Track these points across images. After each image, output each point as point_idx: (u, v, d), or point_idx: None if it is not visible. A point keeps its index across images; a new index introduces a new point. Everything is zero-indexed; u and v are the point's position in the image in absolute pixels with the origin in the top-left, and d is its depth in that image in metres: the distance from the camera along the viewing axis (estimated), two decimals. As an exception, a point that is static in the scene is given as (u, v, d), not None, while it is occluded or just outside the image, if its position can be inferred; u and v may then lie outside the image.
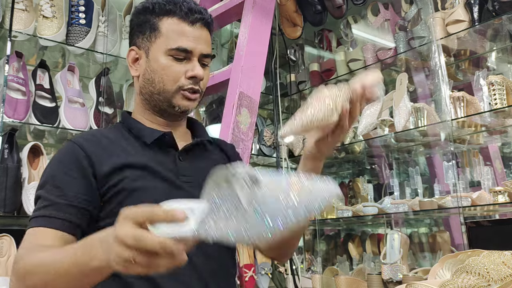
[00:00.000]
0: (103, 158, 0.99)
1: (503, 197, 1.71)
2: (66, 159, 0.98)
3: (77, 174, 0.96)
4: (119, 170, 0.99)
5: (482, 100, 1.89)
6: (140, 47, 1.09)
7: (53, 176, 0.96)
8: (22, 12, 1.89)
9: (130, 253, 0.60)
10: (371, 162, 2.64)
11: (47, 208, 0.92)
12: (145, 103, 1.11)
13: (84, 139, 1.02)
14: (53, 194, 0.93)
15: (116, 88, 2.28)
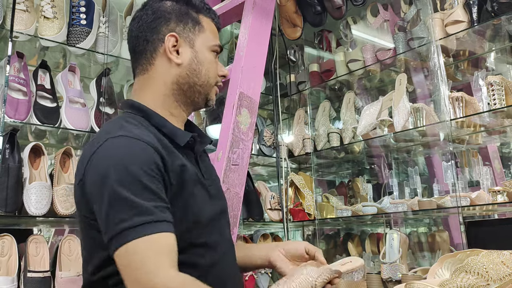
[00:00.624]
0: (169, 159, 0.95)
1: (502, 197, 1.72)
2: (144, 159, 0.90)
3: (160, 178, 0.91)
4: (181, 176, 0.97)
5: (481, 100, 1.89)
6: (181, 36, 1.07)
7: (141, 181, 0.87)
8: (23, 12, 1.89)
9: None
10: (370, 162, 2.65)
11: (152, 212, 0.85)
12: (177, 93, 1.07)
13: (149, 138, 0.95)
14: (148, 198, 0.86)
15: (117, 88, 2.29)
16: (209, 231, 1.01)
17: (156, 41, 1.06)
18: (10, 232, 1.78)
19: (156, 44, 1.06)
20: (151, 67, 1.06)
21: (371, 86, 2.57)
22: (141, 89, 1.07)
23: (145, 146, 0.92)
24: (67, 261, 1.85)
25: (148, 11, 1.10)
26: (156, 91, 1.06)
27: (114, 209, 0.84)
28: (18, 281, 1.73)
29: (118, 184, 0.85)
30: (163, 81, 1.06)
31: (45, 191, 1.81)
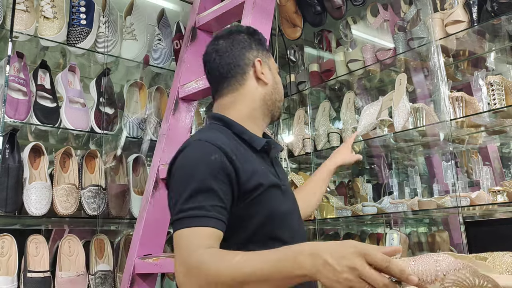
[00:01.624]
0: (240, 162, 1.08)
1: (502, 197, 1.72)
2: (211, 161, 1.05)
3: (225, 179, 1.04)
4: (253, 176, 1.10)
5: (481, 100, 1.89)
6: (262, 60, 1.28)
7: (204, 179, 1.02)
8: (23, 12, 1.90)
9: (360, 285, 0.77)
10: (370, 162, 2.65)
11: (207, 208, 1.00)
12: (263, 109, 1.26)
13: (222, 143, 1.09)
14: (207, 197, 1.01)
15: (117, 88, 2.29)
16: (283, 226, 1.15)
17: (245, 66, 1.26)
18: (10, 232, 1.78)
19: (245, 68, 1.26)
20: (241, 87, 1.25)
21: (371, 86, 2.57)
22: (230, 105, 1.25)
23: (215, 149, 1.07)
24: (67, 261, 1.86)
25: (233, 42, 1.28)
26: (246, 106, 1.24)
27: (178, 200, 1.02)
28: (18, 281, 1.73)
29: (186, 180, 1.04)
30: (253, 98, 1.25)
31: (45, 191, 1.81)
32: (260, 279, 0.86)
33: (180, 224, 0.99)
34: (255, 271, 0.87)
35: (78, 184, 1.93)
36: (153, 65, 2.27)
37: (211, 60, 1.28)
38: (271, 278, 0.86)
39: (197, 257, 0.93)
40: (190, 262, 0.93)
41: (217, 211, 1.00)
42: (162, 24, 2.35)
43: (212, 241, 0.98)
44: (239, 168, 1.07)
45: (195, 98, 2.00)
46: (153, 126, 2.19)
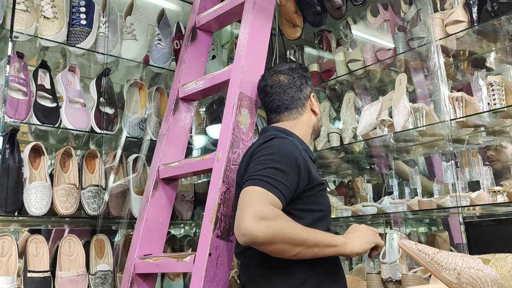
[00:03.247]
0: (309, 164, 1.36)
1: (502, 197, 1.72)
2: (291, 153, 1.32)
3: (297, 170, 1.29)
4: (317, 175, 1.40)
5: (481, 100, 1.89)
6: (314, 96, 1.59)
7: (283, 162, 1.27)
8: (23, 12, 1.90)
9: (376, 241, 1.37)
10: (370, 162, 2.64)
11: (279, 182, 1.23)
12: (311, 132, 1.58)
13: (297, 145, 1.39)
14: (280, 175, 1.24)
15: (117, 88, 2.29)
16: (329, 220, 1.43)
17: (304, 100, 1.56)
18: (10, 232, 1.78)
19: (304, 101, 1.56)
20: (300, 116, 1.55)
21: (371, 86, 2.57)
22: (291, 128, 1.52)
23: (294, 147, 1.36)
24: (67, 261, 1.86)
25: (294, 78, 1.57)
26: (302, 130, 1.54)
27: (256, 167, 1.27)
28: (18, 281, 1.73)
29: (269, 157, 1.29)
30: (308, 124, 1.56)
31: (45, 191, 1.81)
32: (314, 245, 1.21)
33: (255, 182, 1.21)
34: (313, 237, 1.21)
35: (78, 184, 1.93)
36: (153, 65, 2.27)
37: (275, 92, 1.55)
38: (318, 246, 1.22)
39: (272, 209, 1.16)
40: (265, 211, 1.15)
41: (283, 188, 1.22)
42: (162, 24, 2.35)
43: (275, 206, 1.20)
44: (309, 166, 1.34)
45: (195, 98, 2.00)
46: (153, 126, 2.19)
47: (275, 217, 1.15)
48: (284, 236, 1.16)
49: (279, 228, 1.15)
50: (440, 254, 0.99)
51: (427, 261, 0.99)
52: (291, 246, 1.17)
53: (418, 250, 1.00)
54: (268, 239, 1.14)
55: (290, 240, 1.16)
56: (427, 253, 0.99)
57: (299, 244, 1.18)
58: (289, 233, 1.16)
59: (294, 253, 1.19)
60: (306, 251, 1.20)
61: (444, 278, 0.97)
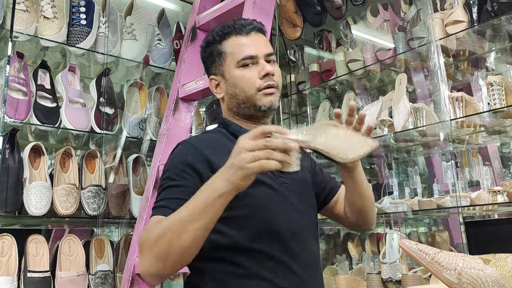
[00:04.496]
0: (216, 159, 1.11)
1: (502, 197, 1.72)
2: (181, 163, 1.12)
3: (193, 174, 1.10)
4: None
5: (481, 100, 1.89)
6: (216, 74, 1.26)
7: (174, 177, 1.10)
8: (23, 12, 1.89)
9: (259, 153, 0.88)
10: (370, 162, 2.64)
11: (172, 200, 1.06)
12: (235, 115, 1.25)
13: (198, 142, 1.19)
14: (174, 191, 1.08)
15: (117, 88, 2.29)
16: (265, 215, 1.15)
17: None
18: (10, 232, 1.78)
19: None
20: (216, 96, 1.31)
21: (371, 86, 2.57)
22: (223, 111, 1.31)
23: (188, 149, 1.15)
24: (67, 261, 1.86)
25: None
26: (225, 111, 1.29)
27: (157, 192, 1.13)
28: (18, 281, 1.73)
29: (164, 177, 1.14)
30: (225, 111, 1.29)
31: (45, 191, 1.81)
32: (190, 219, 0.93)
33: (151, 214, 1.08)
34: (185, 214, 0.95)
35: (78, 184, 1.93)
36: (153, 65, 2.27)
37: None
38: (198, 213, 0.93)
39: (142, 233, 1.02)
40: (141, 240, 1.00)
41: (178, 203, 1.00)
42: (162, 24, 2.35)
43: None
44: (215, 163, 1.10)
45: (195, 98, 2.00)
46: (153, 126, 2.19)
47: (144, 238, 0.99)
48: (158, 244, 0.95)
49: (151, 244, 0.96)
50: (440, 254, 0.98)
51: (427, 261, 0.99)
52: (172, 245, 0.94)
53: (418, 250, 1.00)
54: (157, 263, 0.96)
55: (164, 242, 0.95)
56: (427, 253, 0.99)
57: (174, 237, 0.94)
58: (160, 237, 0.95)
59: (181, 246, 0.94)
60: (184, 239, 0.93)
61: (445, 278, 0.97)
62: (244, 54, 1.20)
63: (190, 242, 0.94)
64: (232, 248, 1.10)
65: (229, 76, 1.22)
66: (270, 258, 1.10)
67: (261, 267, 1.09)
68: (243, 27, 1.24)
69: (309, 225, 1.24)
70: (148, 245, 0.97)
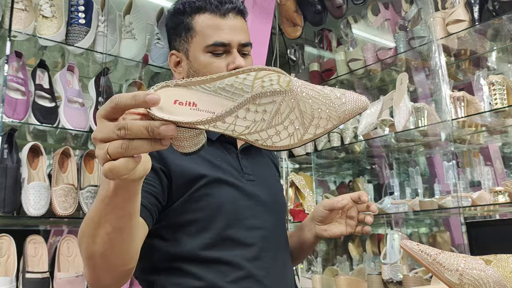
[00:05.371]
0: (172, 157, 0.95)
1: (503, 197, 1.71)
2: None
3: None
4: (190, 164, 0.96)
5: (483, 100, 1.88)
6: (179, 50, 1.08)
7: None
8: (22, 11, 1.88)
9: (107, 148, 0.56)
10: (371, 162, 2.64)
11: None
12: None
13: None
14: None
15: (116, 88, 2.28)
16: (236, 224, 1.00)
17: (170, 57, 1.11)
18: (8, 232, 1.77)
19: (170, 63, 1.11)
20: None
21: (372, 86, 2.56)
22: None
23: None
24: (65, 262, 1.85)
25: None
26: None
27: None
28: (16, 281, 1.72)
29: None
30: None
31: (43, 191, 1.80)
32: (96, 219, 0.72)
33: None
34: (90, 217, 0.73)
35: (77, 184, 1.92)
36: (152, 65, 2.26)
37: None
38: (101, 212, 0.70)
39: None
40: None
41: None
42: (161, 23, 2.33)
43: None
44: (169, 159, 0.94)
45: (195, 97, 1.99)
46: (153, 126, 2.18)
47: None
48: (81, 249, 0.79)
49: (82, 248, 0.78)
50: (442, 254, 0.98)
51: (429, 261, 0.98)
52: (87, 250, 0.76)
53: (420, 251, 0.99)
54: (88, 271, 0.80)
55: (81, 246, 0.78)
56: (429, 254, 0.98)
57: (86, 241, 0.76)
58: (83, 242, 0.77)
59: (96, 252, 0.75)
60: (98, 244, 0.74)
61: (446, 279, 0.96)
62: (215, 40, 1.03)
63: (101, 246, 0.74)
64: (188, 258, 0.93)
65: (193, 59, 1.05)
66: (237, 269, 0.95)
67: (226, 280, 0.94)
68: (220, 5, 1.05)
69: (281, 227, 1.11)
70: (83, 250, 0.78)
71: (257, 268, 0.98)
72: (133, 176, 0.59)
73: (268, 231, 1.04)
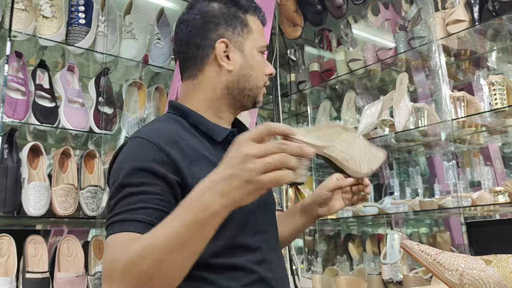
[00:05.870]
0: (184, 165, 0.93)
1: (503, 197, 1.71)
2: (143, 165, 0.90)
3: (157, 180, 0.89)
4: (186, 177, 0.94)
5: (483, 100, 1.88)
6: (231, 41, 1.06)
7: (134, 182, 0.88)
8: (22, 12, 1.89)
9: (273, 161, 0.68)
10: (371, 162, 2.63)
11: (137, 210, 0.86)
12: (226, 98, 1.06)
13: (159, 137, 0.94)
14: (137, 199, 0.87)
15: (116, 88, 2.28)
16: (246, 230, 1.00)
17: (206, 47, 1.05)
18: (8, 232, 1.77)
19: (206, 50, 1.05)
20: (200, 72, 1.06)
21: (372, 86, 2.56)
22: (189, 93, 1.08)
23: (150, 148, 0.92)
24: (65, 262, 1.85)
25: (196, 15, 1.08)
26: (205, 96, 1.06)
27: (109, 204, 0.90)
28: (16, 281, 1.72)
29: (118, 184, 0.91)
30: (213, 87, 1.06)
31: (43, 191, 1.80)
32: (173, 246, 0.73)
33: (107, 232, 0.86)
34: (163, 240, 0.73)
35: (77, 184, 1.92)
36: (152, 65, 2.26)
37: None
38: (183, 239, 0.72)
39: (108, 257, 0.82)
40: (104, 267, 0.80)
41: (145, 213, 0.85)
42: (161, 23, 2.34)
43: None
44: (181, 165, 0.92)
45: (195, 97, 1.99)
46: (153, 126, 2.18)
47: (112, 266, 0.78)
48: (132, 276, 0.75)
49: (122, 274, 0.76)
50: (442, 255, 0.98)
51: (429, 261, 0.98)
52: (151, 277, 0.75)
53: (420, 251, 0.99)
54: None
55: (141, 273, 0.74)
56: (429, 254, 0.98)
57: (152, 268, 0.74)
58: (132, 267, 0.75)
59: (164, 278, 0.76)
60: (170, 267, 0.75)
61: (446, 279, 0.96)
62: (265, 43, 1.09)
63: (176, 272, 0.76)
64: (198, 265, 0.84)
65: (250, 55, 1.06)
66: (249, 274, 0.96)
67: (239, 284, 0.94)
68: (260, 13, 1.12)
69: (275, 227, 1.12)
70: (119, 275, 0.76)
71: (265, 271, 0.99)
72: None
73: (267, 233, 1.05)
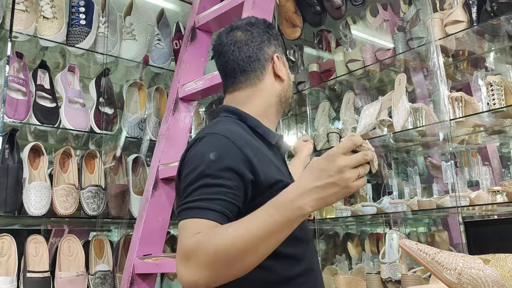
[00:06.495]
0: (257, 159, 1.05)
1: (501, 196, 1.72)
2: (224, 159, 1.00)
3: (235, 175, 1.00)
4: (270, 172, 1.08)
5: (481, 100, 1.90)
6: (279, 55, 1.26)
7: (213, 174, 0.98)
8: (23, 12, 1.89)
9: (361, 170, 0.91)
10: (370, 162, 2.64)
11: (214, 201, 0.95)
12: (278, 105, 1.24)
13: (237, 137, 1.07)
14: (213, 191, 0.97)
15: (116, 88, 2.29)
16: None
17: (265, 61, 1.23)
18: (9, 232, 1.78)
19: (265, 63, 1.23)
20: (260, 82, 1.21)
21: (371, 86, 2.57)
22: (246, 99, 1.21)
23: (230, 144, 1.04)
24: (66, 261, 1.85)
25: (253, 34, 1.25)
26: (263, 102, 1.22)
27: (186, 190, 0.99)
28: (17, 281, 1.73)
29: (197, 173, 1.00)
30: (270, 94, 1.22)
31: (44, 191, 1.81)
32: (263, 237, 0.85)
33: (183, 215, 0.96)
34: (257, 231, 0.85)
35: (78, 184, 1.93)
36: (153, 65, 2.27)
37: (229, 51, 1.22)
38: (271, 233, 0.85)
39: (193, 239, 0.89)
40: (186, 246, 0.88)
41: (221, 205, 0.95)
42: (161, 24, 2.35)
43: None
44: (255, 163, 1.04)
45: (195, 98, 2.00)
46: (153, 126, 2.19)
47: (198, 247, 0.87)
48: (219, 260, 0.85)
49: (207, 256, 0.85)
50: (441, 254, 0.99)
51: (427, 261, 0.99)
52: (236, 263, 0.86)
53: (419, 250, 1.00)
54: (210, 277, 0.86)
55: (229, 259, 0.85)
56: (428, 253, 0.99)
57: (240, 255, 0.85)
58: (222, 252, 0.85)
59: (245, 265, 0.87)
60: (254, 256, 0.87)
61: (445, 278, 0.97)
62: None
63: (256, 261, 0.88)
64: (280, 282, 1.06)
65: (285, 69, 1.27)
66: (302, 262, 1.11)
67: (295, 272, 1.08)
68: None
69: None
70: (205, 257, 0.85)
71: (310, 262, 1.14)
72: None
73: (307, 228, 1.22)
